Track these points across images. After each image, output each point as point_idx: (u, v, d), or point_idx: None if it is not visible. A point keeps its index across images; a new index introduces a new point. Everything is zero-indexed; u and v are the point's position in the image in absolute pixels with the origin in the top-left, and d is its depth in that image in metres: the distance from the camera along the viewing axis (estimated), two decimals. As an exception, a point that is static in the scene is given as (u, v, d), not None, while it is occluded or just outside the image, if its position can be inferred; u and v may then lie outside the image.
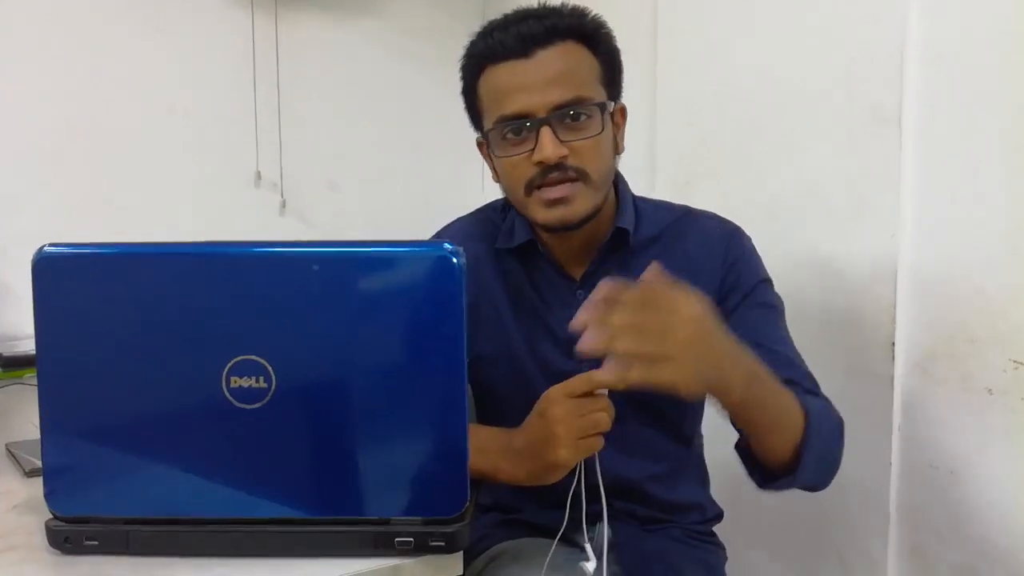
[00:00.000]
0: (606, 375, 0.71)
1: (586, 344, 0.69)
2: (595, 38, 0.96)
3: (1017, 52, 1.08)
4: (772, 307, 1.03)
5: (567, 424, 0.79)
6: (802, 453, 0.86)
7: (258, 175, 2.09)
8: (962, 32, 1.15)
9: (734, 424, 0.90)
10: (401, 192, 2.29)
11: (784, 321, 1.04)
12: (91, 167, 1.89)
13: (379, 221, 2.23)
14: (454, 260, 0.67)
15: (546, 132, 0.91)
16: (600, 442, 0.80)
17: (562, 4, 0.97)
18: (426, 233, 1.13)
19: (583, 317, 0.70)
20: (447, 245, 0.68)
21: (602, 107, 0.94)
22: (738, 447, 0.94)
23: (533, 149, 0.92)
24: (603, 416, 0.79)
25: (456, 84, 1.02)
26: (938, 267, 1.20)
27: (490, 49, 0.94)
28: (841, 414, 1.35)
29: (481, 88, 0.98)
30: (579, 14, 0.96)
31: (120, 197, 1.92)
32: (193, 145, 2.01)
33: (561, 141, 0.92)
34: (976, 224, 1.14)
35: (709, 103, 1.59)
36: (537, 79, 0.92)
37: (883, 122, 1.25)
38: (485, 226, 1.09)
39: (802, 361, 1.00)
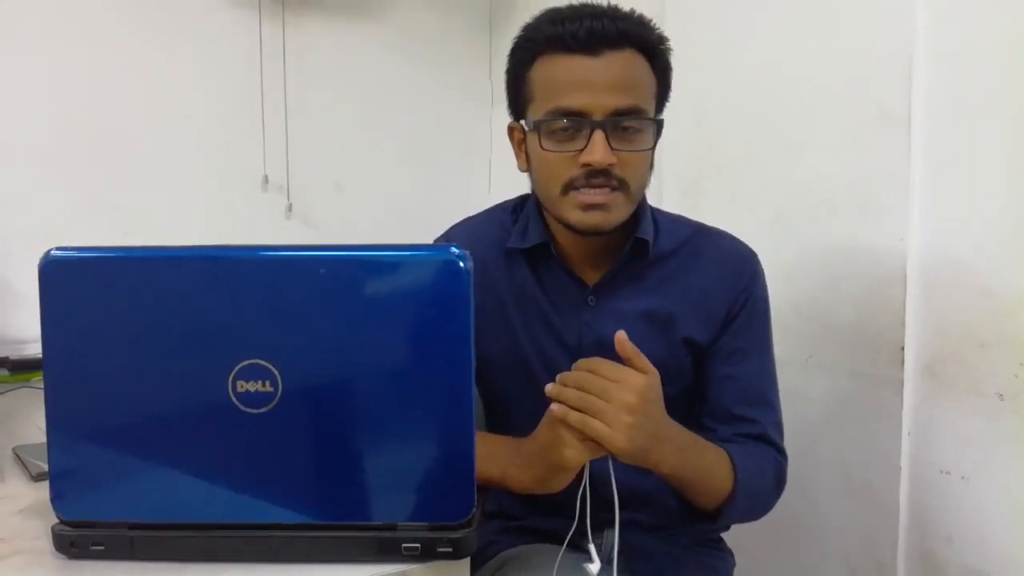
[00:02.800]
0: (555, 408, 0.79)
1: (547, 389, 0.81)
2: (657, 53, 0.95)
3: (1027, 54, 1.08)
4: (767, 342, 1.04)
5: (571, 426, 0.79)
6: (724, 509, 0.92)
7: (265, 179, 2.10)
8: (969, 33, 1.15)
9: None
10: (408, 195, 2.29)
11: (773, 357, 1.05)
12: (98, 170, 1.89)
13: (386, 224, 2.23)
14: (461, 264, 0.67)
15: (599, 136, 0.90)
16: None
17: (631, 9, 0.95)
18: (433, 236, 1.13)
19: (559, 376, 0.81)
20: (454, 249, 0.67)
21: (658, 124, 0.94)
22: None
23: (582, 149, 0.91)
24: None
25: (462, 87, 1.02)
26: (947, 270, 1.19)
27: (558, 37, 0.91)
28: (849, 419, 1.35)
29: (535, 74, 0.95)
30: (647, 24, 0.94)
31: (127, 200, 1.92)
32: (200, 148, 2.02)
33: (612, 148, 0.90)
34: (985, 226, 1.13)
35: (717, 103, 1.59)
36: (602, 80, 0.90)
37: (891, 123, 1.25)
38: (494, 227, 1.08)
39: (777, 402, 1.03)
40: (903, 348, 1.24)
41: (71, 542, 0.69)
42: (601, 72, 0.90)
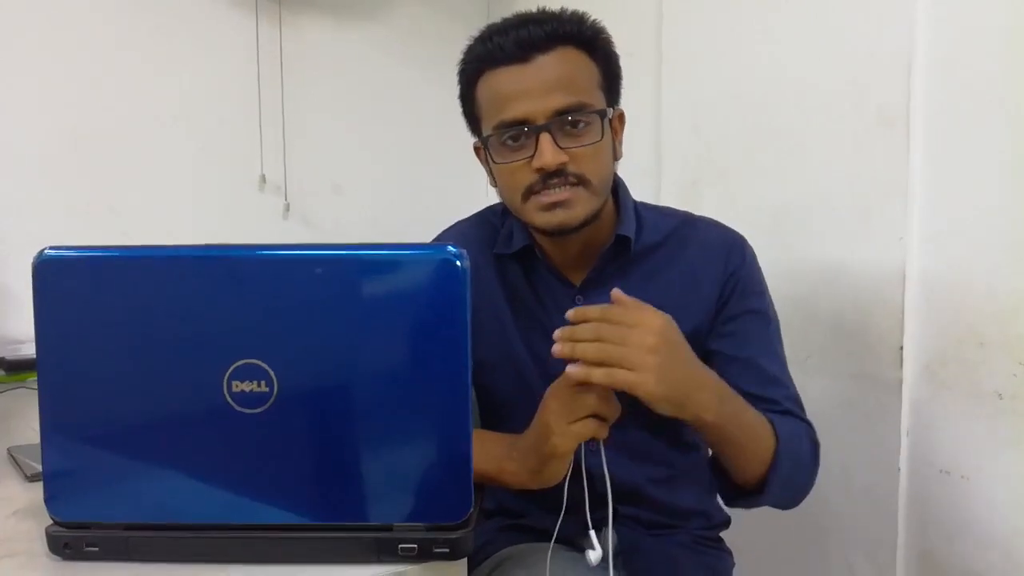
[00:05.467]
0: (575, 371, 0.77)
1: (555, 351, 0.78)
2: (594, 44, 0.95)
3: (1026, 54, 1.08)
4: (767, 321, 1.03)
5: (557, 412, 0.80)
6: (770, 475, 0.90)
7: (262, 179, 2.09)
8: (969, 36, 1.15)
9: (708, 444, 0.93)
10: (405, 195, 2.29)
11: (779, 335, 1.04)
12: (95, 172, 1.89)
13: (383, 225, 2.23)
14: (458, 263, 0.66)
15: (546, 139, 0.91)
16: (593, 425, 0.79)
17: (561, 9, 0.96)
18: (430, 237, 1.12)
19: (557, 332, 0.79)
20: (451, 248, 0.67)
21: (602, 114, 0.94)
22: (711, 463, 0.97)
23: (532, 155, 0.92)
24: (591, 399, 0.79)
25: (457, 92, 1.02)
26: (946, 270, 1.19)
27: (489, 54, 0.94)
28: (849, 419, 1.35)
29: (479, 93, 0.97)
30: (578, 19, 0.95)
31: (124, 202, 1.92)
32: (197, 149, 2.01)
33: (561, 148, 0.91)
34: (984, 227, 1.13)
35: (714, 107, 1.59)
36: (537, 84, 0.91)
37: (890, 126, 1.24)
38: (485, 230, 1.09)
39: (789, 379, 1.02)
40: (902, 348, 1.23)
41: (65, 543, 0.69)
42: (534, 77, 0.91)
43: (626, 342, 0.76)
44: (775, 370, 1.01)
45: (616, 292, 0.81)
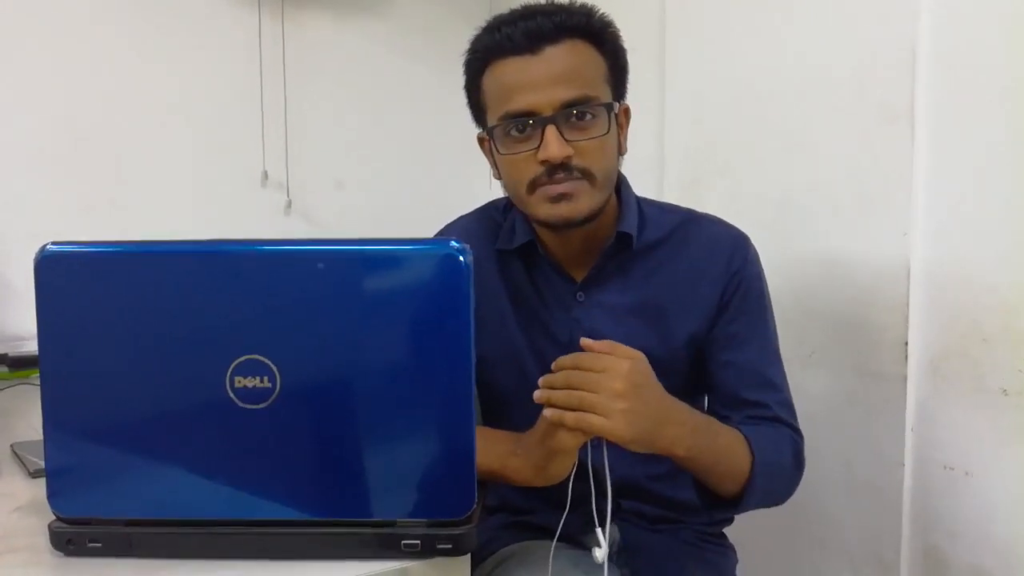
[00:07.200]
0: (549, 413, 0.79)
1: (535, 396, 0.80)
2: (602, 37, 0.95)
3: (1031, 47, 1.07)
4: (767, 323, 1.03)
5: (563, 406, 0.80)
6: (745, 491, 0.91)
7: (265, 175, 2.09)
8: (972, 31, 1.14)
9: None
10: (407, 191, 2.28)
11: (776, 337, 1.04)
12: (97, 167, 1.89)
13: (385, 221, 2.23)
14: (461, 258, 0.66)
15: (551, 131, 0.90)
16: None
17: (570, 2, 0.96)
18: (432, 232, 1.12)
19: (541, 380, 0.81)
20: (454, 243, 0.67)
21: (609, 107, 0.94)
22: (691, 477, 0.97)
23: (538, 147, 0.91)
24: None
25: (462, 83, 1.01)
26: (951, 266, 1.18)
27: (497, 44, 0.93)
28: (852, 415, 1.34)
29: (486, 83, 0.97)
30: (587, 12, 0.95)
31: (126, 197, 1.91)
32: (199, 145, 2.01)
33: (567, 140, 0.91)
34: (989, 222, 1.13)
35: (718, 101, 1.58)
36: (544, 76, 0.91)
37: (894, 120, 1.24)
38: (487, 225, 1.08)
39: (784, 382, 1.02)
40: (907, 344, 1.23)
41: (68, 539, 0.69)
42: (542, 68, 0.91)
43: (596, 388, 0.77)
44: (771, 374, 1.01)
45: (585, 340, 0.81)
